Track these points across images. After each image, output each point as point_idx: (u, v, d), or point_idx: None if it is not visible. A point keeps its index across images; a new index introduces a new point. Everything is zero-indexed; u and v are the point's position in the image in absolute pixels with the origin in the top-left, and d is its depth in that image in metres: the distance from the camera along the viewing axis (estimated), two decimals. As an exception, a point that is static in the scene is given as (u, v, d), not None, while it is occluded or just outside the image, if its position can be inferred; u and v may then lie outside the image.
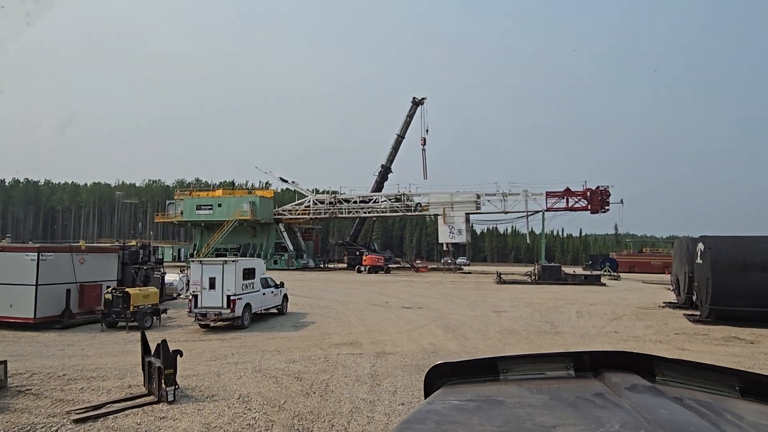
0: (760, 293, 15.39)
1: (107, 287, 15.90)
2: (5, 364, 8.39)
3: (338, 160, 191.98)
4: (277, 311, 17.99)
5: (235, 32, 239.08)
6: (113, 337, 13.74)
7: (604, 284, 35.73)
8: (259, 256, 48.62)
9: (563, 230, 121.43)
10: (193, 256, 49.44)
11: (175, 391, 7.60)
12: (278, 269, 46.94)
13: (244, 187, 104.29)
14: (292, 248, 55.53)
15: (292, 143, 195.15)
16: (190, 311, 14.82)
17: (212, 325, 15.02)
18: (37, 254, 14.73)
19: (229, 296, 14.55)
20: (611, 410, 1.33)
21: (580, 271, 48.17)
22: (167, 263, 36.06)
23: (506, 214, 50.66)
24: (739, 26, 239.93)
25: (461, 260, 66.54)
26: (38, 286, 14.50)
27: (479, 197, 50.56)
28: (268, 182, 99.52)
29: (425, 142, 55.78)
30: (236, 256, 45.38)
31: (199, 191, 66.20)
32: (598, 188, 47.34)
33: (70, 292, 15.35)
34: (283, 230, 55.93)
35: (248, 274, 15.60)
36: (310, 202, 55.98)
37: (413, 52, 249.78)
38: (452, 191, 51.32)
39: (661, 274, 52.11)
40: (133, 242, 25.26)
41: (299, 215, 56.20)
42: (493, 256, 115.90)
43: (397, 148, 57.50)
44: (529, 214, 49.46)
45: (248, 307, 15.37)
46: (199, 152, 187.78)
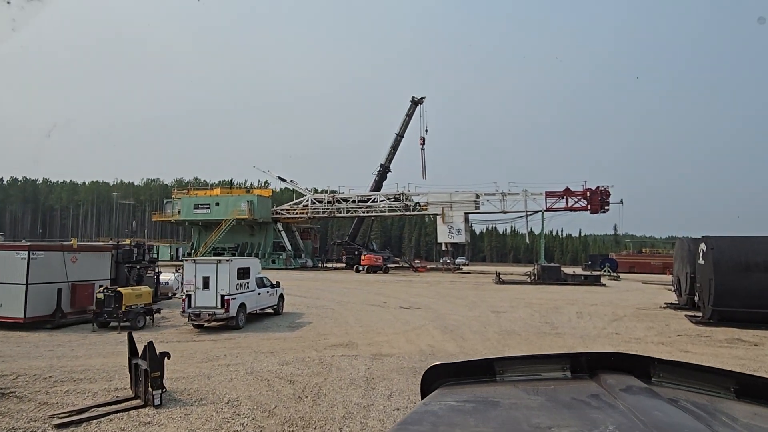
0: (763, 294, 15.17)
1: (99, 286, 15.62)
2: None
3: (337, 159, 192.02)
4: (272, 311, 17.74)
5: (235, 32, 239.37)
6: (104, 337, 13.47)
7: (603, 284, 35.47)
8: (257, 255, 48.34)
9: (563, 230, 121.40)
10: (190, 255, 49.13)
11: (162, 394, 7.34)
12: (276, 269, 46.68)
13: (242, 186, 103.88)
14: (290, 248, 55.31)
15: (291, 143, 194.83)
16: (183, 311, 14.56)
17: (206, 325, 14.78)
18: (27, 253, 14.43)
19: (223, 296, 14.30)
20: (606, 412, 1.34)
21: (579, 271, 47.90)
22: (165, 262, 35.82)
23: (505, 214, 50.51)
24: (739, 26, 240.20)
25: (460, 260, 66.43)
26: (28, 285, 14.21)
27: (478, 197, 50.39)
28: (266, 181, 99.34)
29: (424, 141, 55.63)
30: (234, 255, 45.18)
31: (196, 190, 65.83)
32: (597, 188, 47.18)
33: (61, 291, 15.08)
34: (281, 229, 55.72)
35: (243, 273, 15.33)
36: (308, 201, 55.72)
37: (413, 52, 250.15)
38: (451, 191, 51.18)
39: (661, 274, 51.87)
40: (127, 241, 24.95)
41: (297, 214, 55.94)
42: (492, 256, 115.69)
43: (396, 147, 57.25)
44: (528, 214, 49.31)
45: (243, 307, 15.11)
46: (198, 151, 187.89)
